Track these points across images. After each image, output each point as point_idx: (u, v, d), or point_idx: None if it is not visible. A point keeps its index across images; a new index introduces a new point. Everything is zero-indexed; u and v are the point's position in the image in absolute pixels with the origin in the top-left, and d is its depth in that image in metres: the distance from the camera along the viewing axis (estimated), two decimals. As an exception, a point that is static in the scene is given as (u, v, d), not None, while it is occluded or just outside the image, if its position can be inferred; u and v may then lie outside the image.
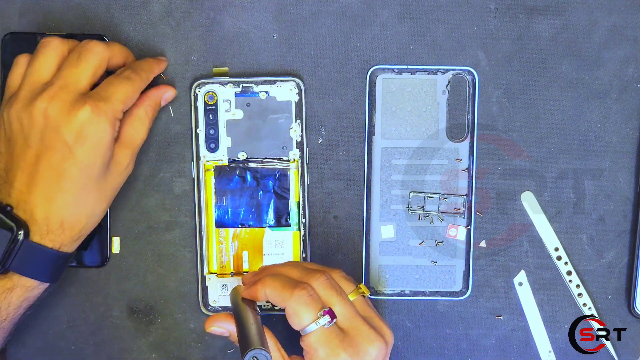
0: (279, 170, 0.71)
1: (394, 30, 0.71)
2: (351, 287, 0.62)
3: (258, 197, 0.71)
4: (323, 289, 0.60)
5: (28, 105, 0.61)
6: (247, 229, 0.71)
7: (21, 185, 0.61)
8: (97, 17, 0.70)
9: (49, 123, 0.60)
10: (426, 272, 0.72)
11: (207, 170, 0.71)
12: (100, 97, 0.62)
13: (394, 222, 0.71)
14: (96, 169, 0.62)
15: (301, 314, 0.59)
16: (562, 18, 0.70)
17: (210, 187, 0.71)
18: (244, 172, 0.71)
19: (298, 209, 0.71)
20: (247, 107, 0.70)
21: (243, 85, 0.70)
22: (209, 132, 0.70)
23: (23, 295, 0.62)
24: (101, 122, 0.61)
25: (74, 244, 0.63)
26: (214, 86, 0.70)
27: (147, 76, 0.66)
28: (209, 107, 0.70)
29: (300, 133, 0.70)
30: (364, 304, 0.63)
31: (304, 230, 0.71)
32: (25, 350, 0.72)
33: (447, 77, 0.71)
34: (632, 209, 0.72)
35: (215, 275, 0.71)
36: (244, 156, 0.71)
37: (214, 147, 0.70)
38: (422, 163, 0.71)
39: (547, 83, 0.71)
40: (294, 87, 0.70)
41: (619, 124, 0.71)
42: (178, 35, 0.71)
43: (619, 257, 0.72)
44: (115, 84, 0.63)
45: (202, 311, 0.71)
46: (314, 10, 0.71)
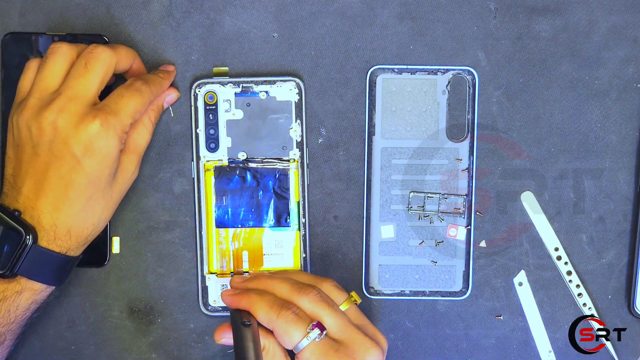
0: (279, 170, 0.71)
1: (394, 30, 0.71)
2: (343, 296, 0.63)
3: (258, 197, 0.71)
4: (313, 303, 0.60)
5: (37, 115, 0.61)
6: (247, 229, 0.71)
7: (29, 192, 0.61)
8: (97, 17, 0.70)
9: (57, 134, 0.61)
10: (426, 272, 0.72)
11: (207, 170, 0.71)
12: (110, 110, 0.62)
13: (394, 222, 0.71)
14: (103, 179, 0.63)
15: (290, 332, 0.59)
16: (562, 18, 0.71)
17: (210, 187, 0.71)
18: (244, 172, 0.71)
19: (298, 209, 0.71)
20: (247, 107, 0.70)
21: (243, 85, 0.70)
22: (209, 132, 0.70)
23: (31, 298, 0.63)
24: (110, 136, 0.62)
25: (80, 249, 0.64)
26: (214, 86, 0.70)
27: (157, 90, 0.67)
28: (209, 107, 0.70)
29: (300, 133, 0.70)
30: (356, 313, 0.63)
31: (304, 230, 0.71)
32: (25, 350, 0.72)
33: (447, 77, 0.71)
34: (632, 209, 0.72)
35: (215, 275, 0.71)
36: (244, 156, 0.71)
37: (214, 147, 0.70)
38: (422, 163, 0.71)
39: (547, 83, 0.71)
40: (294, 87, 0.70)
41: (619, 124, 0.71)
42: (178, 35, 0.71)
43: (619, 257, 0.72)
44: (126, 96, 0.63)
45: (202, 311, 0.71)
46: (314, 10, 0.71)
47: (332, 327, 0.60)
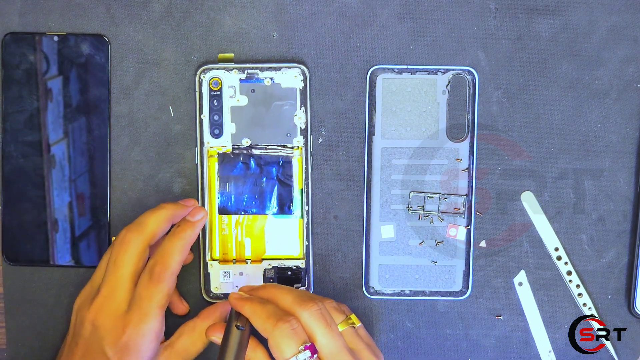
0: (282, 158, 0.71)
1: (394, 30, 0.71)
2: (341, 317, 0.62)
3: (261, 184, 0.71)
4: (312, 318, 0.60)
5: (81, 308, 0.64)
6: (249, 216, 0.71)
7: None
8: (97, 17, 0.70)
9: (95, 331, 0.63)
10: (426, 272, 0.72)
11: (211, 157, 0.71)
12: (140, 312, 0.63)
13: (394, 222, 0.71)
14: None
15: (282, 347, 0.58)
16: (562, 18, 0.71)
17: (213, 174, 0.71)
18: (247, 158, 0.71)
19: (301, 196, 0.71)
20: (251, 93, 0.70)
21: (248, 72, 0.70)
22: (213, 118, 0.70)
23: None
24: (146, 335, 0.63)
25: None
26: (219, 72, 0.70)
27: (184, 249, 0.66)
28: (213, 93, 0.70)
29: (304, 120, 0.70)
30: (353, 336, 0.62)
31: (307, 218, 0.71)
32: (25, 350, 0.72)
33: (447, 77, 0.71)
34: (632, 209, 0.72)
35: (218, 262, 0.71)
36: (248, 143, 0.70)
37: (218, 133, 0.70)
38: (422, 163, 0.71)
39: (547, 83, 0.71)
40: (299, 74, 0.70)
41: (619, 124, 0.71)
42: (178, 35, 0.71)
43: (619, 257, 0.72)
44: (147, 296, 0.63)
45: (203, 298, 0.71)
46: (314, 10, 0.71)
47: (324, 348, 0.59)
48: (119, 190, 0.71)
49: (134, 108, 0.71)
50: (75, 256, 0.71)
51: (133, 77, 0.71)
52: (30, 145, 0.70)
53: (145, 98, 0.71)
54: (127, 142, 0.71)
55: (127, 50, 0.71)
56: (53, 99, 0.70)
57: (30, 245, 0.71)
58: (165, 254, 0.64)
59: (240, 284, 0.71)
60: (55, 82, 0.70)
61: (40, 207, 0.70)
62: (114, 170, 0.71)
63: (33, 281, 0.72)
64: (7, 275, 0.71)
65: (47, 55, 0.70)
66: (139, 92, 0.71)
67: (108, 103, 0.70)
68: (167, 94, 0.71)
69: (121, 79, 0.71)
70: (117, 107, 0.71)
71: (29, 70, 0.70)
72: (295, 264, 0.71)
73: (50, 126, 0.70)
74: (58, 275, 0.72)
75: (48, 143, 0.70)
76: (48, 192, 0.70)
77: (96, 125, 0.70)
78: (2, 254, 0.71)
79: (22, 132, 0.70)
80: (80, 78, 0.70)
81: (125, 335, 0.62)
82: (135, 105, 0.71)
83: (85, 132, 0.70)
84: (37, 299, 0.72)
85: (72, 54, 0.70)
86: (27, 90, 0.70)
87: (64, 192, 0.70)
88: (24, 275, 0.72)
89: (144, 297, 0.63)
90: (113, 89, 0.71)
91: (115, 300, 0.63)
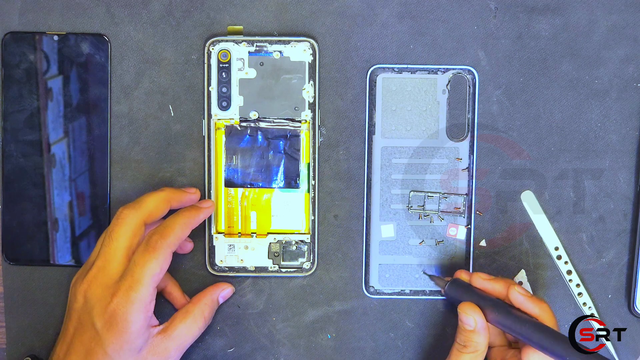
0: (290, 131, 0.70)
1: (394, 30, 0.71)
2: None
3: (268, 158, 0.71)
4: None
5: (75, 282, 0.65)
6: (256, 190, 0.71)
7: (61, 352, 0.64)
8: (97, 17, 0.70)
9: (86, 304, 0.63)
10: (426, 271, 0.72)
11: (218, 129, 0.70)
12: (128, 285, 0.62)
13: (394, 222, 0.71)
14: (123, 353, 0.62)
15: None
16: (562, 18, 0.71)
17: (220, 146, 0.71)
18: (255, 131, 0.70)
19: (308, 170, 0.71)
20: (260, 66, 0.70)
21: (257, 44, 0.70)
22: (221, 90, 0.70)
23: None
24: (129, 312, 0.62)
25: None
26: (227, 44, 0.70)
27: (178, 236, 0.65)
28: (222, 65, 0.70)
29: (312, 94, 0.70)
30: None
31: (314, 193, 0.71)
32: (25, 350, 0.72)
33: (447, 77, 0.71)
34: (632, 208, 0.72)
35: (223, 235, 0.71)
36: (256, 115, 0.70)
37: (226, 106, 0.70)
38: (422, 162, 0.71)
39: (547, 83, 0.71)
40: (308, 48, 0.70)
41: (619, 123, 0.71)
42: (178, 35, 0.71)
43: (619, 257, 0.72)
44: (139, 264, 0.63)
45: (208, 270, 0.71)
46: (314, 10, 0.71)
47: None
48: (119, 190, 0.71)
49: (134, 107, 0.71)
50: (75, 256, 0.71)
51: (133, 77, 0.71)
52: (31, 144, 0.70)
53: (145, 97, 0.71)
54: (127, 142, 0.71)
55: (127, 49, 0.71)
56: (53, 98, 0.70)
57: (30, 245, 0.71)
58: (166, 226, 0.64)
59: (245, 258, 0.71)
60: (56, 81, 0.70)
61: (41, 207, 0.70)
62: (114, 169, 0.71)
63: (33, 281, 0.71)
64: (7, 275, 0.71)
65: (47, 54, 0.70)
66: (139, 92, 0.71)
67: (108, 102, 0.71)
68: (167, 93, 0.71)
69: (121, 78, 0.71)
70: (117, 106, 0.71)
71: (29, 69, 0.70)
72: (300, 239, 0.71)
73: (50, 125, 0.70)
74: (58, 274, 0.72)
75: (48, 142, 0.70)
76: (48, 192, 0.70)
77: (96, 124, 0.71)
78: (2, 254, 0.71)
79: (22, 131, 0.70)
80: (80, 77, 0.70)
81: (113, 304, 0.61)
82: (135, 104, 0.71)
83: (86, 132, 0.70)
84: (37, 298, 0.72)
85: (72, 53, 0.70)
86: (27, 90, 0.70)
87: (64, 192, 0.70)
88: (24, 274, 0.71)
89: (137, 263, 0.62)
90: (113, 88, 0.71)
91: (108, 271, 0.63)
